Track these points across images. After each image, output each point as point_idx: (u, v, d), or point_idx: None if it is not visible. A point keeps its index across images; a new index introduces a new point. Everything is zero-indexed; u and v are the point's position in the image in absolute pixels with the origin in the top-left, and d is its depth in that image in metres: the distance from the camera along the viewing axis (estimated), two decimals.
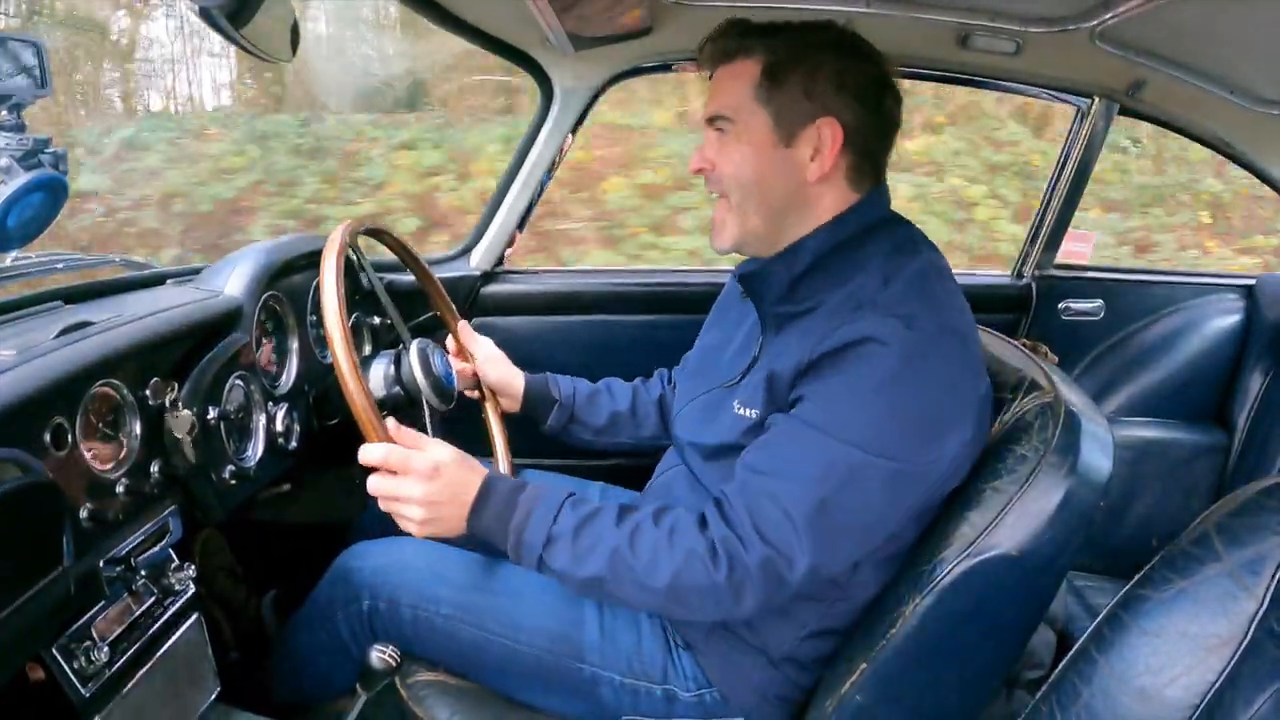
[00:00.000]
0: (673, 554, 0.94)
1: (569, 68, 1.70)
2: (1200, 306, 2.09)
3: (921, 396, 0.92)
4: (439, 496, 0.98)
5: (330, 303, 0.98)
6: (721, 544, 0.93)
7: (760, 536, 0.92)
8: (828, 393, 0.93)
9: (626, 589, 0.96)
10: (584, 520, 0.98)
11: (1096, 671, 0.76)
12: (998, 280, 2.12)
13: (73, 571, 0.85)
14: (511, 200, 1.83)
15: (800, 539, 0.91)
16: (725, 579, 0.92)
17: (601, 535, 0.97)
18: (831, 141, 1.00)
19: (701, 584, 0.93)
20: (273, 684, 1.25)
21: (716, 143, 1.05)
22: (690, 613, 0.99)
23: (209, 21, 0.95)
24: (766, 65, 1.00)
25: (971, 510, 0.94)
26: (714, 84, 1.06)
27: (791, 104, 1.00)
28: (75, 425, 0.90)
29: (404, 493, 0.98)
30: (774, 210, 1.04)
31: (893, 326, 0.91)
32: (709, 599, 0.94)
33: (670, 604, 0.97)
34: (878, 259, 0.99)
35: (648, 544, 0.96)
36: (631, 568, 0.95)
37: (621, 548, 0.96)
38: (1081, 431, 0.93)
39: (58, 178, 0.90)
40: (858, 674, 0.97)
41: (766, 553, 0.91)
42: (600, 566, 0.96)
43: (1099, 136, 1.89)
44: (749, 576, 0.92)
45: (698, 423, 1.13)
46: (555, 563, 0.98)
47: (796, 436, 0.94)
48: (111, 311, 1.07)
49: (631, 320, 1.91)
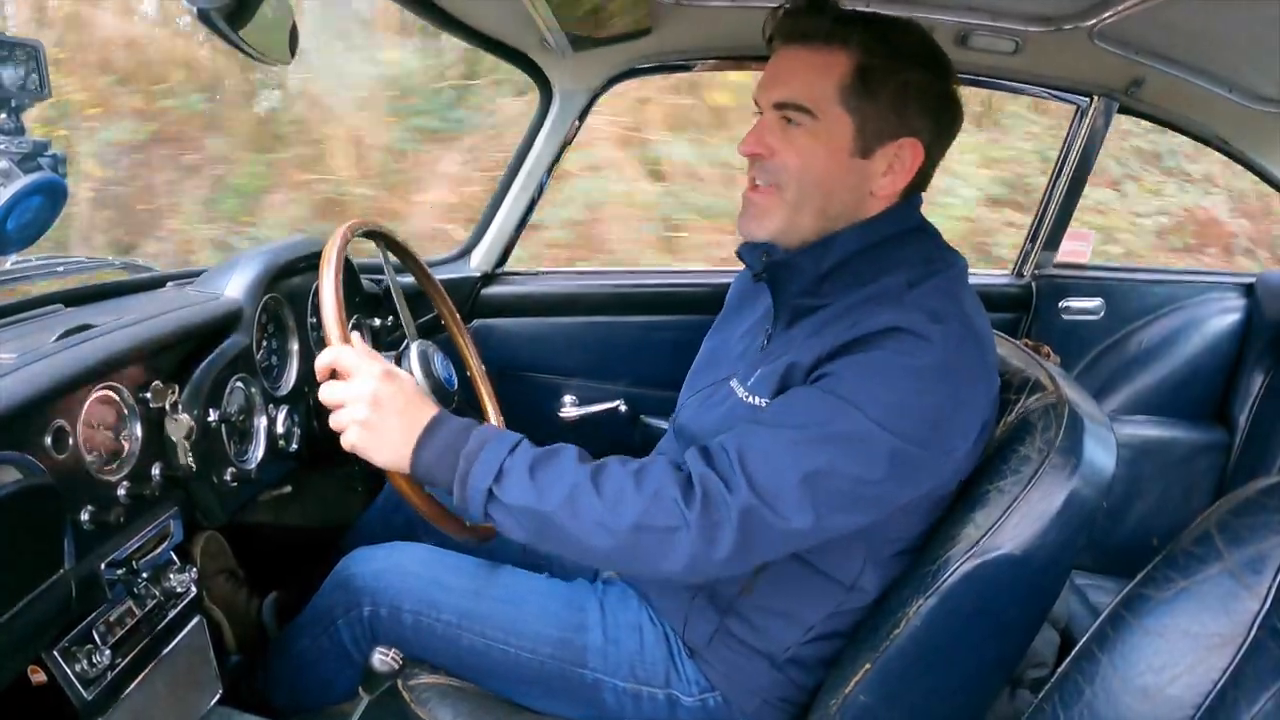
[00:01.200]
0: (640, 491, 0.88)
1: (568, 69, 1.69)
2: (1200, 305, 2.09)
3: (942, 393, 0.90)
4: (389, 402, 0.92)
5: (329, 304, 0.98)
6: (700, 481, 0.88)
7: (749, 483, 0.87)
8: (851, 370, 0.90)
9: (586, 530, 0.88)
10: (543, 455, 0.92)
11: (1099, 670, 0.76)
12: (998, 280, 2.12)
13: (74, 574, 0.85)
14: (511, 201, 1.82)
15: (796, 497, 0.86)
16: (698, 516, 0.86)
17: (562, 471, 0.90)
18: (911, 161, 0.98)
19: (671, 522, 0.87)
20: (273, 688, 1.25)
21: (780, 131, 0.99)
22: (656, 558, 0.89)
23: (207, 23, 0.95)
24: (859, 66, 0.95)
25: (975, 510, 0.94)
26: (789, 64, 0.99)
27: (879, 118, 0.96)
28: (76, 428, 0.90)
29: (353, 391, 0.92)
30: (828, 215, 1.00)
31: (920, 319, 0.89)
32: (677, 540, 0.87)
33: (635, 547, 0.88)
34: (905, 265, 0.97)
35: (613, 481, 0.89)
36: (593, 505, 0.88)
37: (583, 483, 0.89)
38: (1085, 432, 0.93)
39: (57, 181, 0.89)
40: (861, 674, 0.97)
41: (753, 501, 0.86)
42: (557, 502, 0.88)
43: (1098, 135, 1.89)
44: (727, 519, 0.86)
45: (703, 411, 1.12)
46: (506, 496, 0.89)
47: (812, 399, 0.91)
48: (112, 314, 1.07)
49: (632, 321, 1.91)
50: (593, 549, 0.90)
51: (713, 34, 1.64)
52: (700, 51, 1.72)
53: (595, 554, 0.91)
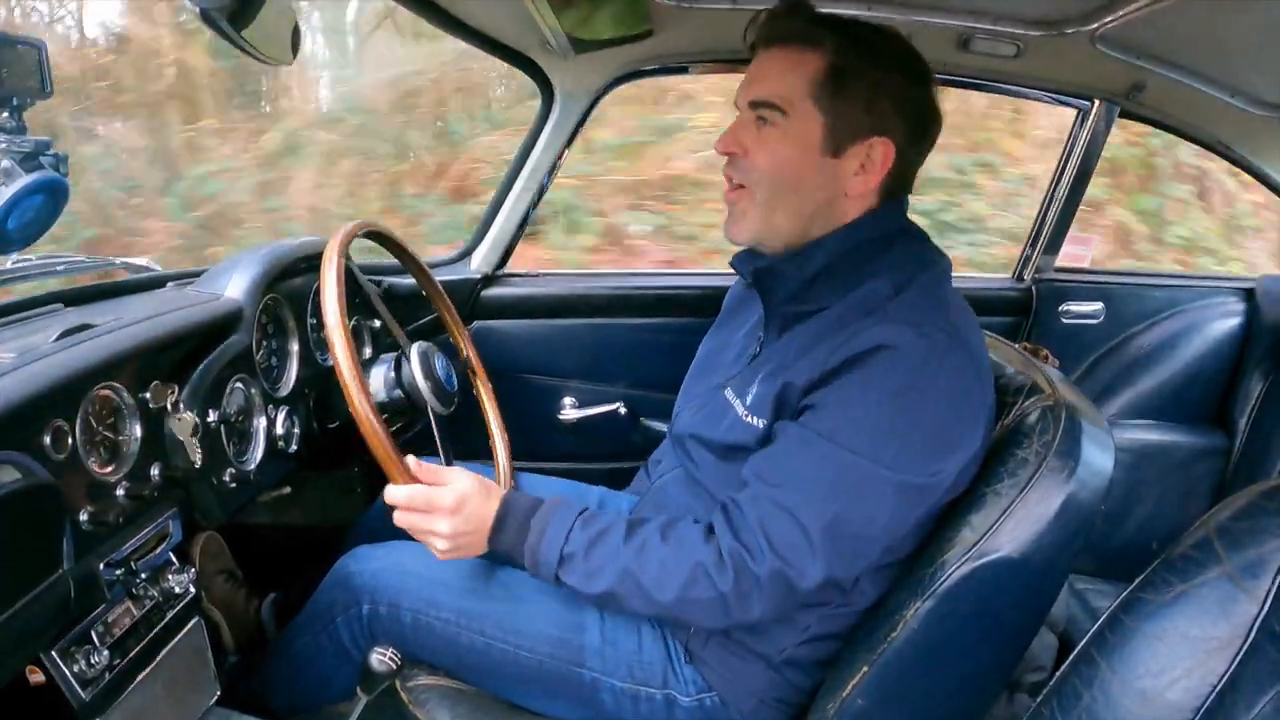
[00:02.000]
0: (679, 567, 0.96)
1: (569, 70, 1.70)
2: (1200, 309, 2.10)
3: (933, 409, 0.91)
4: (463, 528, 1.02)
5: (331, 306, 0.98)
6: (729, 555, 0.94)
7: (771, 548, 0.92)
8: (839, 402, 0.93)
9: (637, 602, 0.98)
10: (594, 539, 1.00)
11: (1098, 674, 0.76)
12: (998, 283, 2.12)
13: (72, 574, 0.85)
14: (512, 203, 1.83)
15: (813, 552, 0.91)
16: (732, 589, 0.93)
17: (611, 553, 0.99)
18: (882, 160, 0.99)
19: (708, 595, 0.94)
20: (272, 688, 1.25)
21: (755, 130, 1.01)
22: (700, 621, 1.02)
23: (209, 23, 0.95)
24: (831, 65, 0.97)
25: (972, 513, 0.94)
26: (764, 65, 1.01)
27: (850, 116, 0.97)
28: (75, 428, 0.90)
29: (431, 528, 1.01)
30: (802, 215, 1.02)
31: (905, 334, 0.90)
32: (716, 609, 0.96)
33: (679, 614, 0.99)
34: (891, 268, 0.98)
35: (655, 559, 0.97)
36: (640, 583, 0.97)
37: (630, 565, 0.98)
38: (1082, 435, 0.93)
39: (58, 180, 0.90)
40: (859, 677, 0.97)
41: (776, 564, 0.92)
42: (611, 583, 0.98)
43: (1100, 139, 1.89)
44: (757, 587, 0.93)
45: (700, 417, 1.13)
46: (569, 579, 1.00)
47: (808, 447, 0.94)
48: (112, 314, 1.07)
49: (632, 323, 1.91)
50: (646, 614, 1.07)
51: (714, 36, 1.64)
52: (701, 54, 1.72)
53: (649, 616, 1.09)
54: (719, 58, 1.73)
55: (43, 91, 0.90)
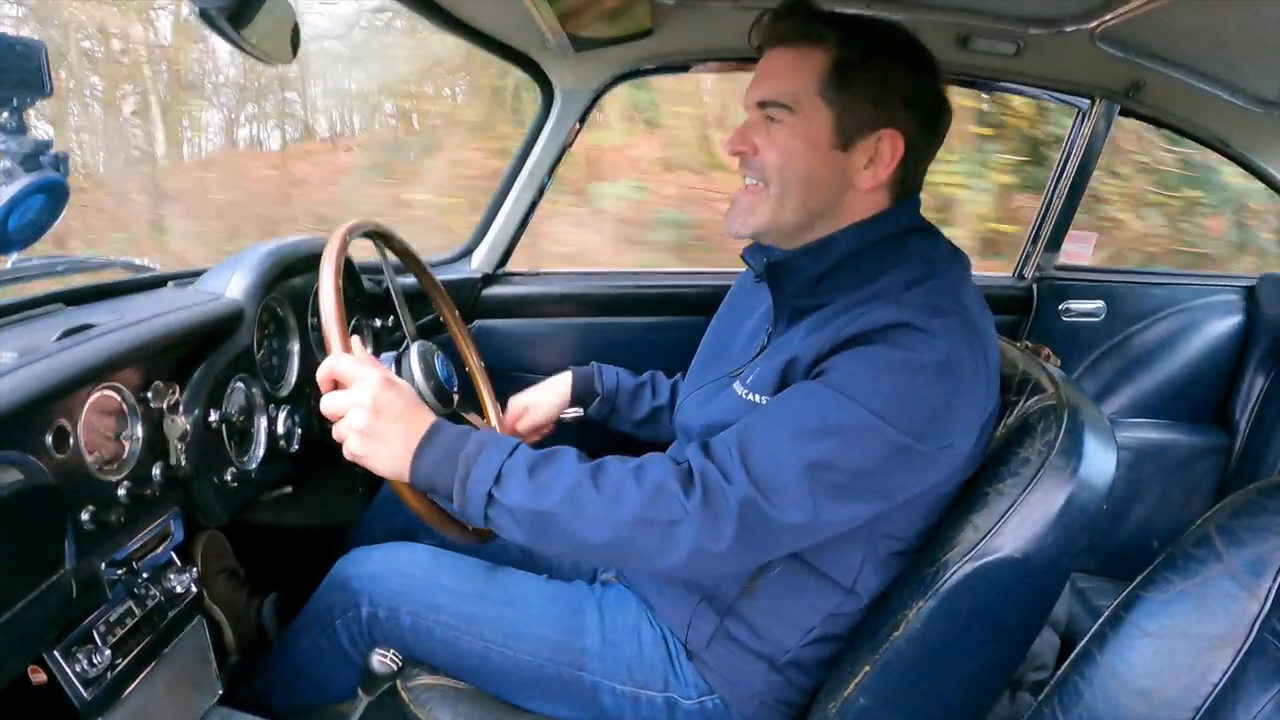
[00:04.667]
0: (640, 486, 0.89)
1: (569, 69, 1.70)
2: (1201, 307, 2.10)
3: (946, 389, 0.90)
4: (387, 409, 0.92)
5: (329, 310, 0.98)
6: (699, 473, 0.89)
7: (748, 474, 0.87)
8: (851, 364, 0.90)
9: (586, 525, 0.89)
10: (541, 456, 0.92)
11: (1099, 673, 0.76)
12: (999, 281, 2.12)
13: (74, 574, 0.85)
14: (512, 202, 1.82)
15: (795, 489, 0.87)
16: (698, 508, 0.87)
17: (561, 470, 0.91)
18: (891, 153, 0.98)
19: (671, 514, 0.87)
20: (273, 689, 1.25)
21: (765, 129, 1.01)
22: (656, 552, 0.89)
23: (209, 23, 0.95)
24: (836, 61, 0.97)
25: (975, 513, 0.94)
26: (771, 64, 1.01)
27: (857, 109, 0.97)
28: (77, 428, 0.90)
29: (351, 400, 0.93)
30: (811, 210, 1.01)
31: (919, 314, 0.89)
32: (678, 533, 0.87)
33: (635, 541, 0.89)
34: (905, 266, 0.97)
35: (612, 477, 0.90)
36: (592, 500, 0.88)
37: (582, 480, 0.90)
38: (1084, 434, 0.93)
39: (59, 180, 0.89)
40: (861, 676, 0.97)
41: (751, 492, 0.87)
42: (556, 500, 0.89)
43: (1100, 137, 1.89)
44: (726, 511, 0.87)
45: (704, 408, 1.11)
46: (506, 498, 0.90)
47: (810, 393, 0.91)
48: (113, 314, 1.07)
49: (633, 322, 1.91)
50: (593, 545, 0.90)
51: (714, 35, 1.64)
52: (701, 52, 1.72)
53: (596, 550, 0.91)
54: (719, 56, 1.73)
55: (43, 91, 0.90)
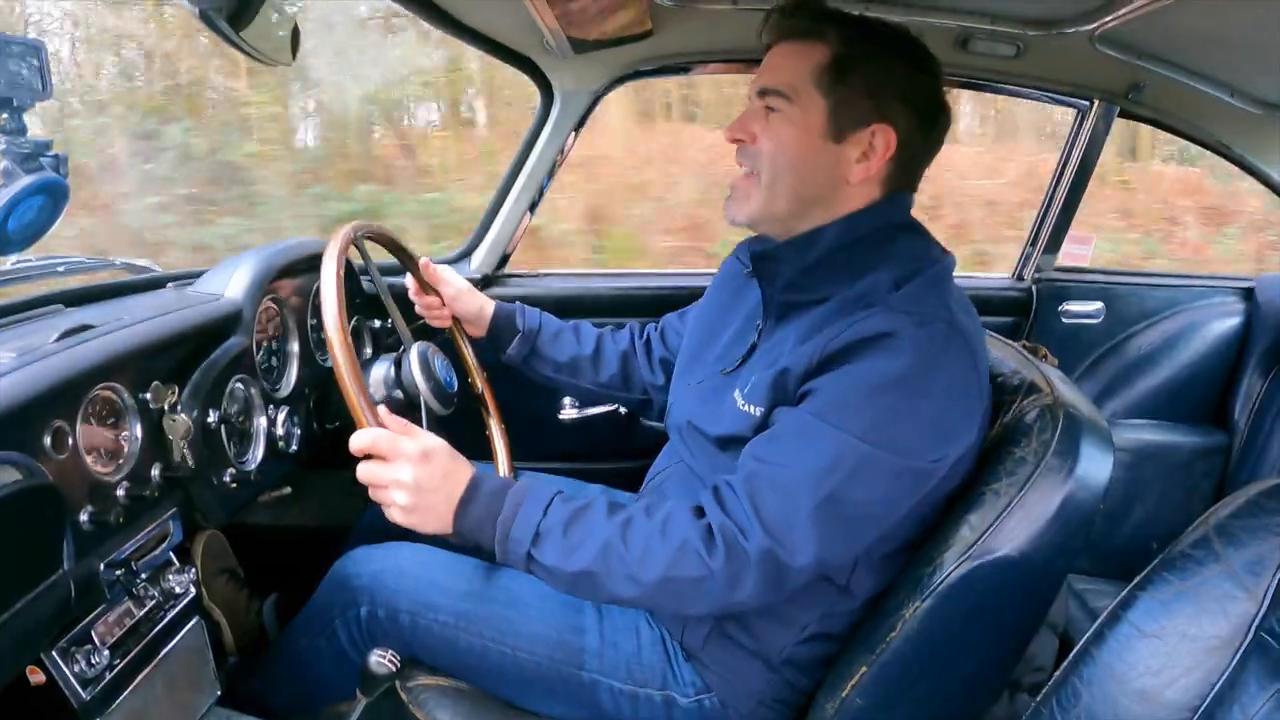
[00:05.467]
0: (666, 544, 0.92)
1: (569, 71, 1.70)
2: (1200, 309, 2.10)
3: (932, 397, 0.91)
4: (427, 483, 0.95)
5: (330, 306, 0.98)
6: (719, 530, 0.92)
7: (762, 526, 0.90)
8: (838, 387, 0.92)
9: (619, 583, 0.93)
10: (574, 514, 0.96)
11: (1097, 673, 0.76)
12: (999, 283, 2.12)
13: (73, 575, 0.86)
14: (511, 204, 1.83)
15: (806, 531, 0.89)
16: (721, 567, 0.90)
17: (592, 529, 0.95)
18: (884, 148, 1.00)
19: (696, 573, 0.91)
20: (272, 689, 1.25)
21: (763, 118, 1.03)
22: (685, 605, 0.95)
23: (208, 24, 0.95)
24: (835, 55, 0.99)
25: (971, 513, 0.94)
26: (773, 57, 1.04)
27: (852, 101, 0.99)
28: (75, 428, 0.90)
29: (392, 477, 0.95)
30: (803, 199, 1.03)
31: (905, 324, 0.91)
32: (704, 589, 0.92)
33: (664, 596, 0.94)
34: (893, 261, 0.99)
35: (640, 535, 0.93)
36: (624, 560, 0.92)
37: (613, 540, 0.93)
38: (1081, 434, 0.93)
39: (58, 181, 0.89)
40: (858, 677, 0.97)
41: (767, 543, 0.90)
42: (590, 560, 0.93)
43: (1099, 139, 1.89)
44: (747, 565, 0.90)
45: (699, 407, 1.12)
46: (544, 558, 0.95)
47: (805, 429, 0.93)
48: (112, 315, 1.07)
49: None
50: (625, 598, 0.95)
51: (713, 36, 1.64)
52: (701, 54, 1.72)
53: (629, 602, 0.97)
54: (718, 57, 1.73)
55: (42, 92, 0.90)
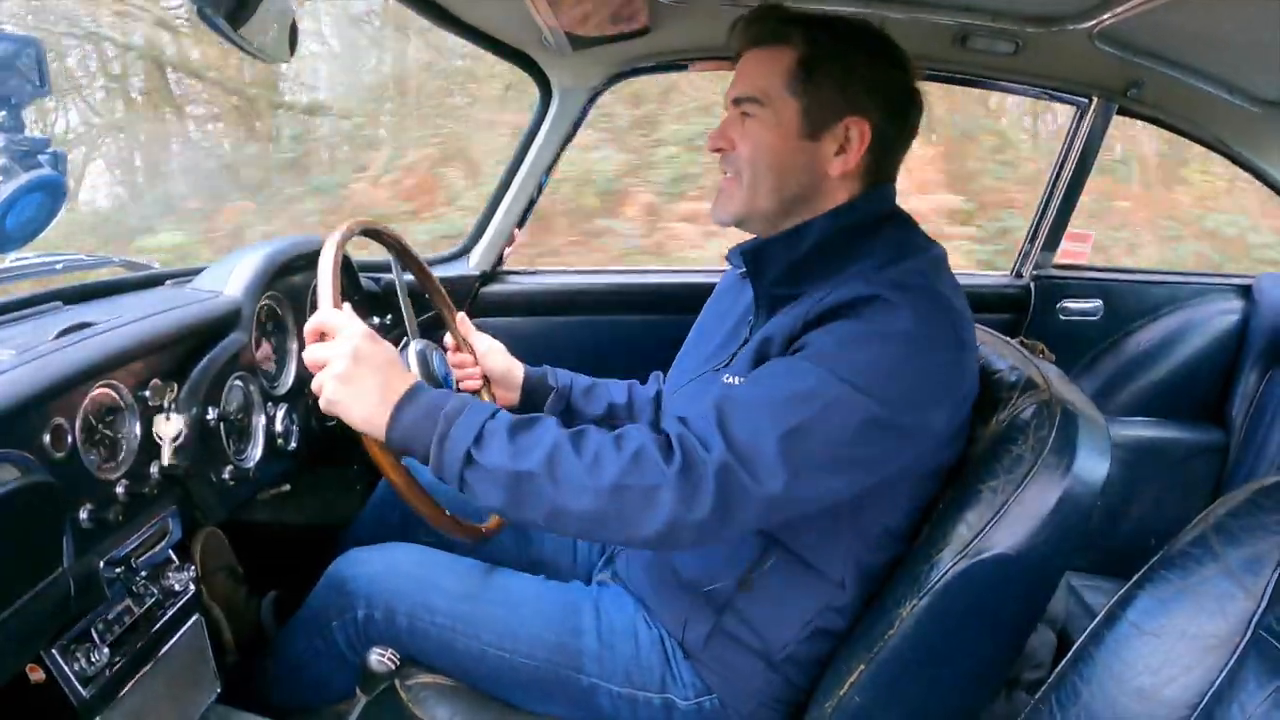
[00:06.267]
0: (620, 453, 0.89)
1: (567, 67, 1.70)
2: (1198, 306, 2.10)
3: (917, 360, 0.91)
4: (367, 359, 0.91)
5: (325, 274, 0.97)
6: (677, 440, 0.89)
7: (725, 441, 0.87)
8: (826, 336, 0.93)
9: (563, 490, 0.88)
10: (523, 420, 0.92)
11: (1096, 671, 0.77)
12: (996, 280, 2.12)
13: (72, 572, 0.85)
14: (510, 200, 1.83)
15: (772, 458, 0.87)
16: (677, 474, 0.86)
17: (541, 434, 0.91)
18: (859, 140, 1.01)
19: (650, 480, 0.87)
20: (271, 687, 1.25)
21: (740, 124, 1.05)
22: (634, 519, 0.88)
23: (207, 21, 0.95)
24: (802, 56, 1.01)
25: (968, 511, 0.94)
26: (744, 65, 1.06)
27: (823, 99, 1.01)
28: (74, 426, 0.90)
29: (333, 351, 0.92)
30: (785, 197, 1.04)
31: (891, 289, 0.92)
32: (658, 499, 0.87)
33: (613, 507, 0.88)
34: (878, 251, 1.00)
35: (592, 443, 0.90)
36: (571, 465, 0.88)
37: (562, 445, 0.89)
38: (1078, 431, 0.93)
39: (56, 178, 0.89)
40: (856, 675, 0.97)
41: (728, 458, 0.87)
42: (535, 462, 0.88)
43: (1098, 136, 1.89)
44: (704, 477, 0.86)
45: (686, 402, 1.13)
46: (485, 458, 0.89)
47: (788, 364, 0.94)
48: (111, 312, 1.07)
49: (631, 320, 1.91)
50: (571, 511, 0.89)
51: (711, 33, 1.63)
52: (698, 50, 1.72)
53: (573, 517, 0.90)
54: (715, 54, 1.73)
55: (40, 89, 0.90)
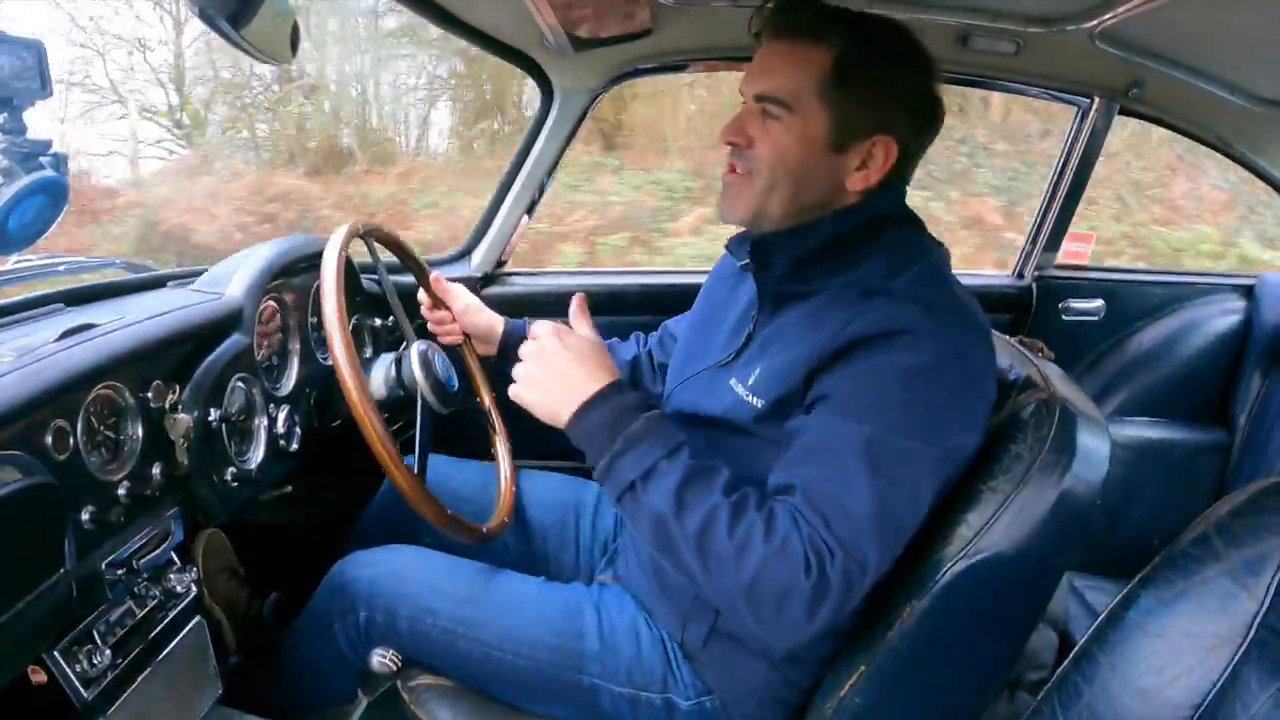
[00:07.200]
0: (768, 543, 0.85)
1: (569, 69, 1.70)
2: (1201, 306, 2.10)
3: (951, 386, 0.89)
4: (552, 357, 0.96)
5: (330, 304, 0.98)
6: (809, 544, 0.85)
7: (840, 545, 0.84)
8: (854, 386, 0.89)
9: (708, 566, 0.86)
10: (697, 471, 0.89)
11: (1098, 672, 0.77)
12: (998, 280, 2.12)
13: (74, 574, 0.86)
14: (511, 202, 1.82)
15: (870, 542, 0.85)
16: (811, 587, 0.83)
17: (706, 494, 0.87)
18: (884, 159, 0.98)
19: (784, 584, 0.84)
20: (273, 689, 1.25)
21: (760, 122, 1.00)
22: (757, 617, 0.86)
23: (208, 22, 0.95)
24: (837, 60, 0.95)
25: (968, 510, 0.94)
26: (771, 57, 1.00)
27: (855, 113, 0.96)
28: (77, 428, 0.90)
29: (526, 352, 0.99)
30: (798, 203, 1.01)
31: (915, 314, 0.89)
32: (786, 606, 0.84)
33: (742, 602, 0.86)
34: (885, 250, 0.98)
35: (745, 522, 0.86)
36: (720, 544, 0.85)
37: (719, 515, 0.86)
38: (1077, 429, 0.92)
39: (58, 180, 0.89)
40: (857, 675, 0.97)
41: (846, 562, 0.84)
42: (689, 527, 0.86)
43: (1099, 136, 1.89)
44: (830, 588, 0.84)
45: (694, 396, 1.10)
46: (646, 496, 0.88)
47: (838, 436, 0.88)
48: (113, 314, 1.07)
49: (632, 321, 1.90)
50: (703, 585, 0.89)
51: (714, 34, 1.63)
52: (701, 52, 1.72)
53: (703, 587, 0.89)
54: (718, 55, 1.73)
55: (42, 91, 0.90)
